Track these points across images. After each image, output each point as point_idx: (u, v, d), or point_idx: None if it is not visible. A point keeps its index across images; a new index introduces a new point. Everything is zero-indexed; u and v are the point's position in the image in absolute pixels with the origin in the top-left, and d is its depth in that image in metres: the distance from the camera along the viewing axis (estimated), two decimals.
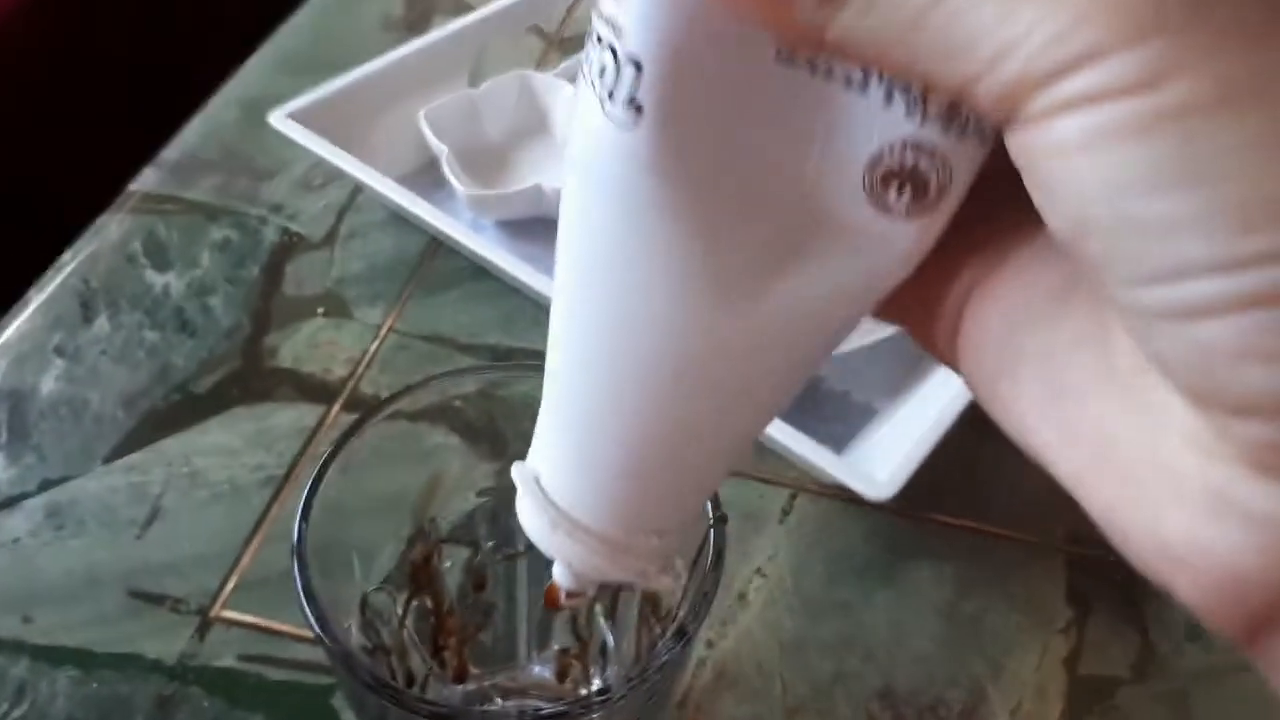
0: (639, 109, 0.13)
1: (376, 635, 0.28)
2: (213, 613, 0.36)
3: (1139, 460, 0.13)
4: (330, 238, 0.50)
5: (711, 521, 0.24)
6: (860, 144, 0.13)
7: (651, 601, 0.28)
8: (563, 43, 0.63)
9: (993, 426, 0.15)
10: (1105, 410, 0.13)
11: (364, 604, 0.28)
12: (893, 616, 0.37)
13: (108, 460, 0.40)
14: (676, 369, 0.16)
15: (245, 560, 0.37)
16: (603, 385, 0.16)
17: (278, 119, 0.48)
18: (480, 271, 0.48)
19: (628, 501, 0.18)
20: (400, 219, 0.50)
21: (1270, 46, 0.11)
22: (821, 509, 0.40)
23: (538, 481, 0.18)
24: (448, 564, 0.30)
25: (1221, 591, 0.12)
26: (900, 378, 0.44)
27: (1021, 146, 0.12)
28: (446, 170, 0.49)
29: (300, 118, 0.48)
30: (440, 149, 0.50)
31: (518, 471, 0.19)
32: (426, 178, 0.52)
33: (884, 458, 0.38)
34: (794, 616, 0.37)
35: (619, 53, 0.13)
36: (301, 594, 0.23)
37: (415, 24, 0.64)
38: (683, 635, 0.23)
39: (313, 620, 0.23)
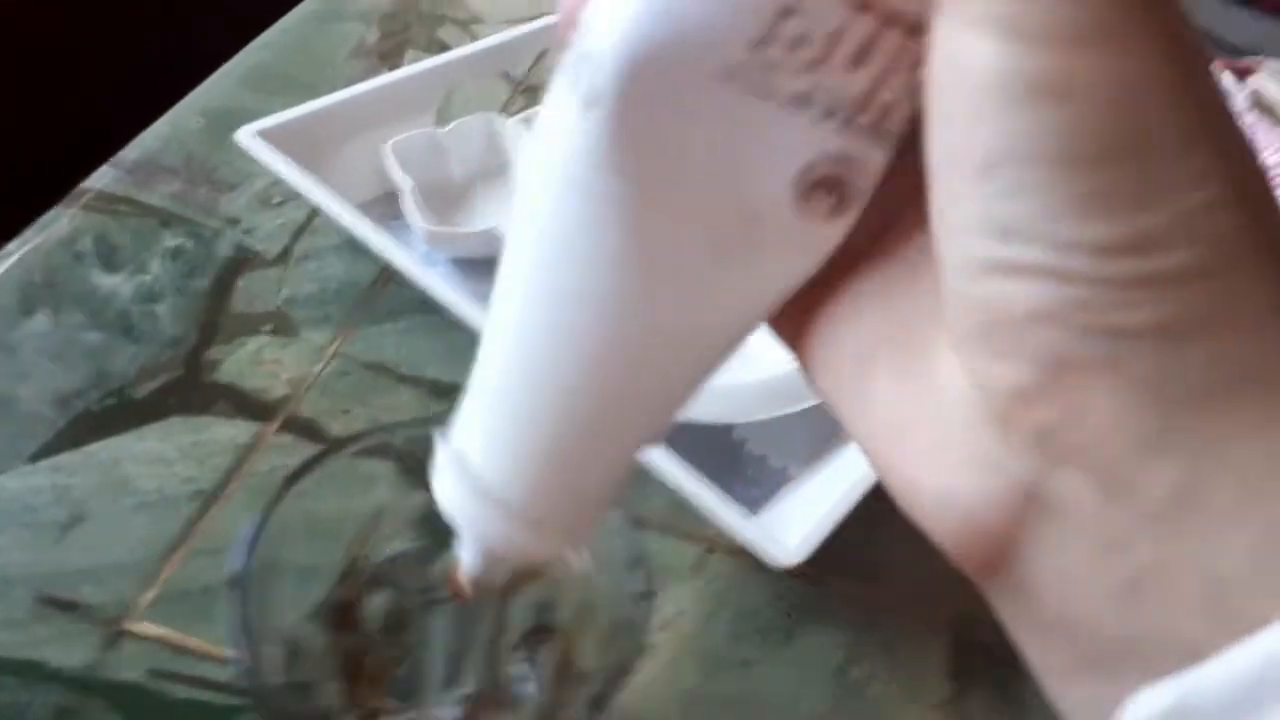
0: (598, 103, 0.14)
1: (297, 667, 0.27)
2: (125, 624, 0.34)
3: (914, 429, 0.14)
4: (284, 257, 0.49)
5: (640, 595, 0.24)
6: (793, 156, 0.14)
7: (566, 659, 0.28)
8: (528, 90, 0.63)
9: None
10: (899, 391, 0.15)
11: (289, 636, 0.27)
12: (789, 677, 0.37)
13: (34, 459, 0.38)
14: (608, 348, 0.16)
15: (165, 573, 0.36)
16: (536, 359, 0.17)
17: (245, 136, 0.47)
18: (428, 305, 0.47)
19: (550, 477, 0.18)
20: (354, 245, 0.50)
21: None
22: (732, 567, 0.40)
23: (461, 457, 0.18)
24: (372, 602, 0.29)
25: (962, 536, 0.14)
26: (817, 446, 0.44)
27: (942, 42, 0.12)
28: (407, 204, 0.48)
29: (268, 137, 0.47)
30: (404, 182, 0.49)
31: (440, 447, 0.19)
32: (384, 207, 0.51)
33: (795, 524, 0.38)
34: (696, 671, 0.37)
35: (585, 50, 0.14)
36: (240, 629, 0.22)
37: (388, 55, 0.64)
38: (600, 705, 0.23)
39: (247, 656, 0.22)
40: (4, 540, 0.36)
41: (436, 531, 0.32)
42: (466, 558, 0.20)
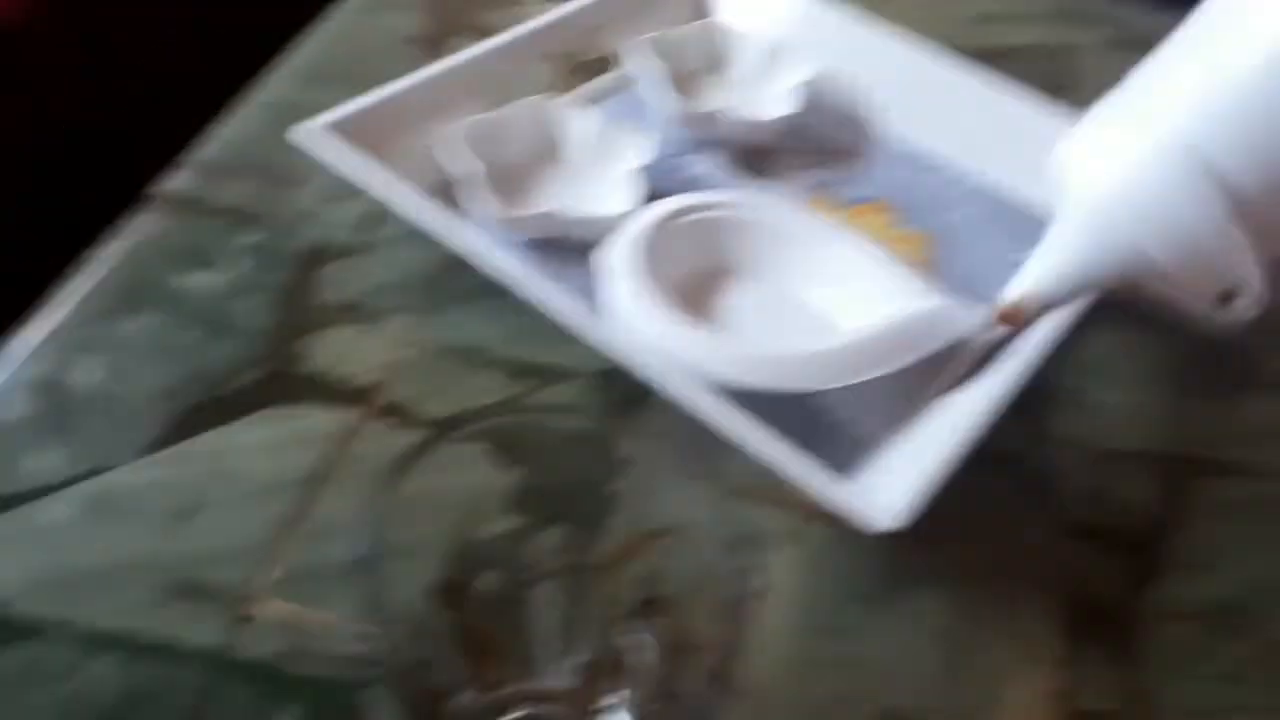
0: None
1: (419, 644, 0.28)
2: (249, 607, 0.36)
3: None
4: (359, 248, 0.50)
5: (745, 569, 0.25)
6: None
7: (678, 630, 0.29)
8: (575, 69, 0.64)
9: (997, 461, 0.16)
10: None
11: (409, 615, 0.28)
12: (894, 641, 0.38)
13: (144, 453, 0.40)
14: None
15: (281, 556, 0.37)
16: None
17: (306, 132, 0.48)
18: (497, 287, 0.49)
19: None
20: (423, 233, 0.51)
21: None
22: (829, 533, 0.41)
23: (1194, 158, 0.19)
24: (483, 580, 0.31)
25: None
26: (902, 409, 0.45)
27: None
28: (471, 190, 0.49)
29: (330, 131, 0.48)
30: (463, 169, 0.50)
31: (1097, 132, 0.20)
32: (447, 194, 0.52)
33: (890, 488, 0.39)
34: (802, 638, 0.38)
35: None
36: (368, 609, 0.24)
37: (435, 41, 0.65)
38: (717, 678, 0.24)
39: (376, 636, 0.23)
40: (125, 531, 0.38)
41: (533, 511, 0.33)
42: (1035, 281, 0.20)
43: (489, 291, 0.49)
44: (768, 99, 0.60)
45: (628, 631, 0.33)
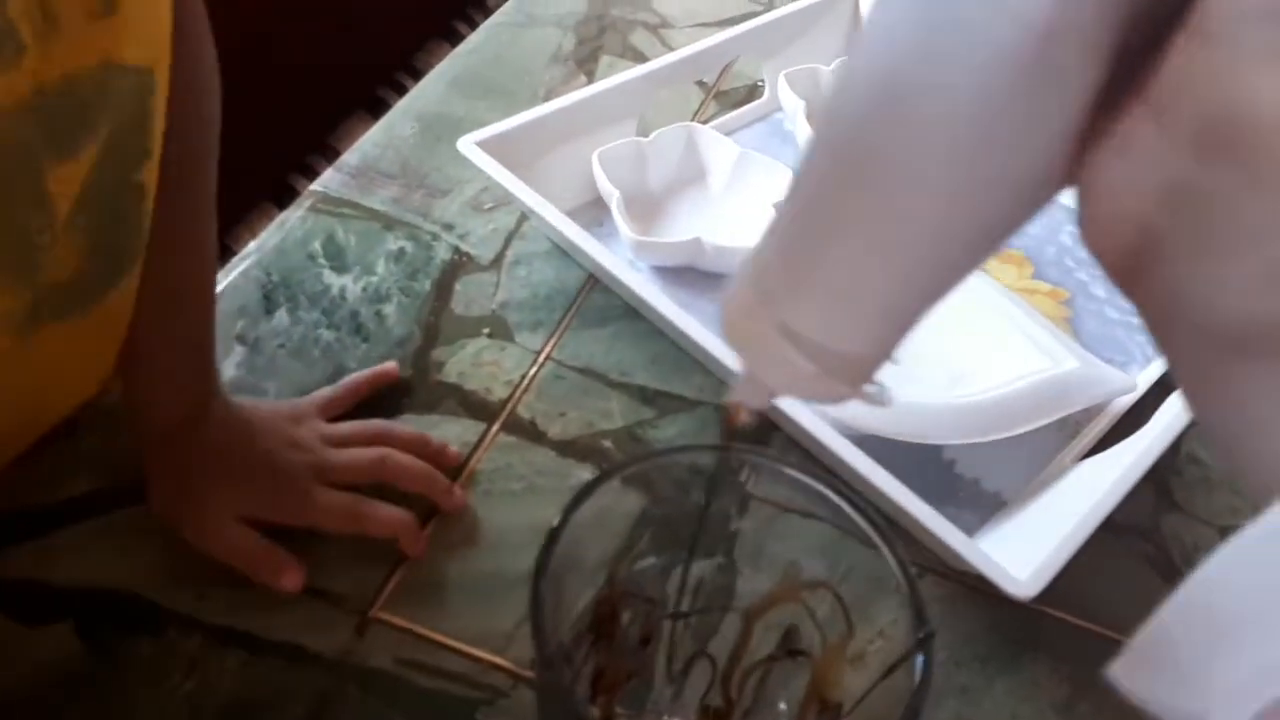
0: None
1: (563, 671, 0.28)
2: (371, 613, 0.36)
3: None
4: (497, 262, 0.50)
5: (920, 637, 0.23)
6: None
7: (820, 687, 0.28)
8: (719, 95, 0.63)
9: (1124, 533, 0.15)
10: None
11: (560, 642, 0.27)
12: (1011, 708, 0.36)
13: None
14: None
15: (404, 566, 0.37)
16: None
17: (465, 146, 0.48)
18: (631, 312, 0.48)
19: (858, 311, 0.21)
20: (561, 251, 0.50)
21: None
22: (947, 591, 0.39)
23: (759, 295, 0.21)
24: (626, 614, 0.30)
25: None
26: (1031, 472, 0.43)
27: None
28: (615, 213, 0.49)
29: (486, 146, 0.48)
30: (610, 192, 0.50)
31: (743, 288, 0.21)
32: (589, 215, 0.52)
33: (1020, 552, 0.37)
34: None
35: None
36: (534, 630, 0.23)
37: (584, 61, 0.64)
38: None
39: (543, 652, 0.23)
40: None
41: (677, 546, 0.32)
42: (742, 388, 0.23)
43: (619, 315, 0.48)
44: None
45: (753, 682, 0.32)
